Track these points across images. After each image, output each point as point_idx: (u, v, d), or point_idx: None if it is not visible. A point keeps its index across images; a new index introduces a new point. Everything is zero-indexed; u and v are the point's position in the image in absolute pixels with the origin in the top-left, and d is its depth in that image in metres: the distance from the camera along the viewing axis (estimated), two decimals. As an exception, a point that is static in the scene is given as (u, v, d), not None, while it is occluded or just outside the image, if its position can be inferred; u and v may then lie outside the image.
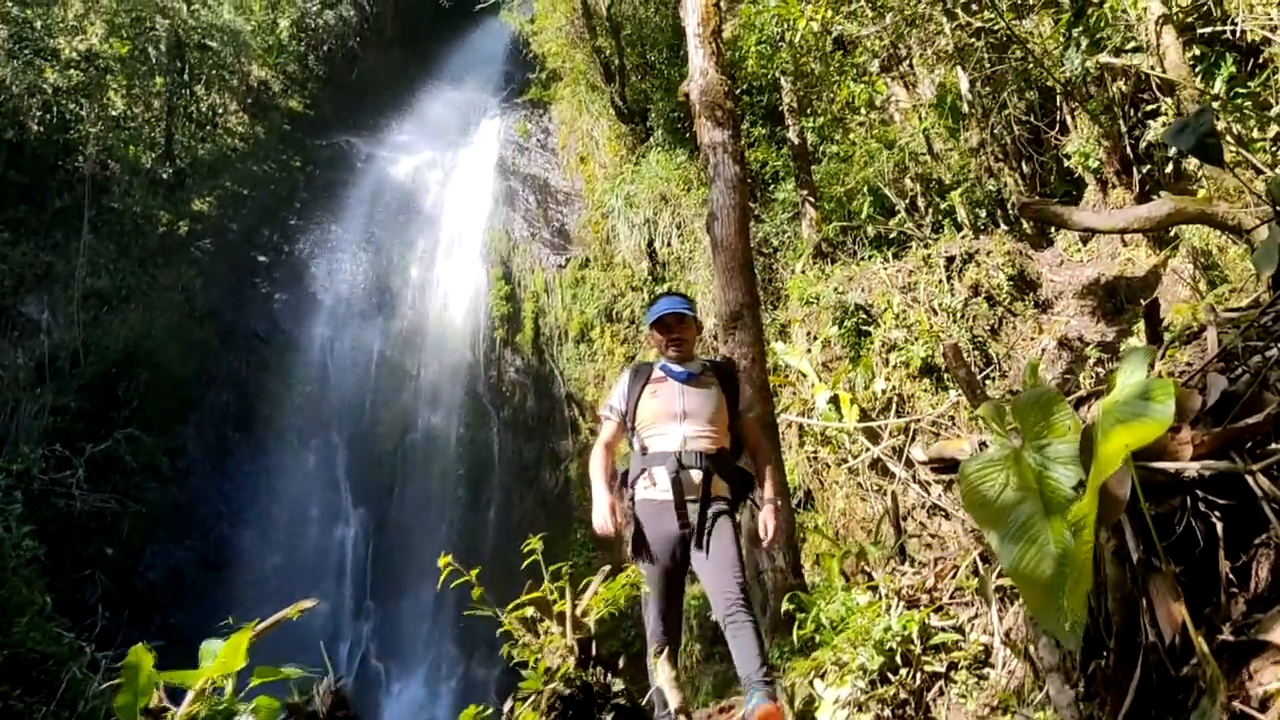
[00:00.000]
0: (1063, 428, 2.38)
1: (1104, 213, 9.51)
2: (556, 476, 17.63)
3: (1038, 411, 2.46)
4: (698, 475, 4.68)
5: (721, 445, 4.79)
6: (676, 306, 5.06)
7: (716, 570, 4.48)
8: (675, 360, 4.99)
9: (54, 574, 12.71)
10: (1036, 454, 2.41)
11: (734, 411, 4.90)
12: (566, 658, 2.62)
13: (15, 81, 15.94)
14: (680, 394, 4.89)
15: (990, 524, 2.37)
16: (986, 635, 3.73)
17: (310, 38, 24.12)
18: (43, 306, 16.44)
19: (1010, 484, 2.40)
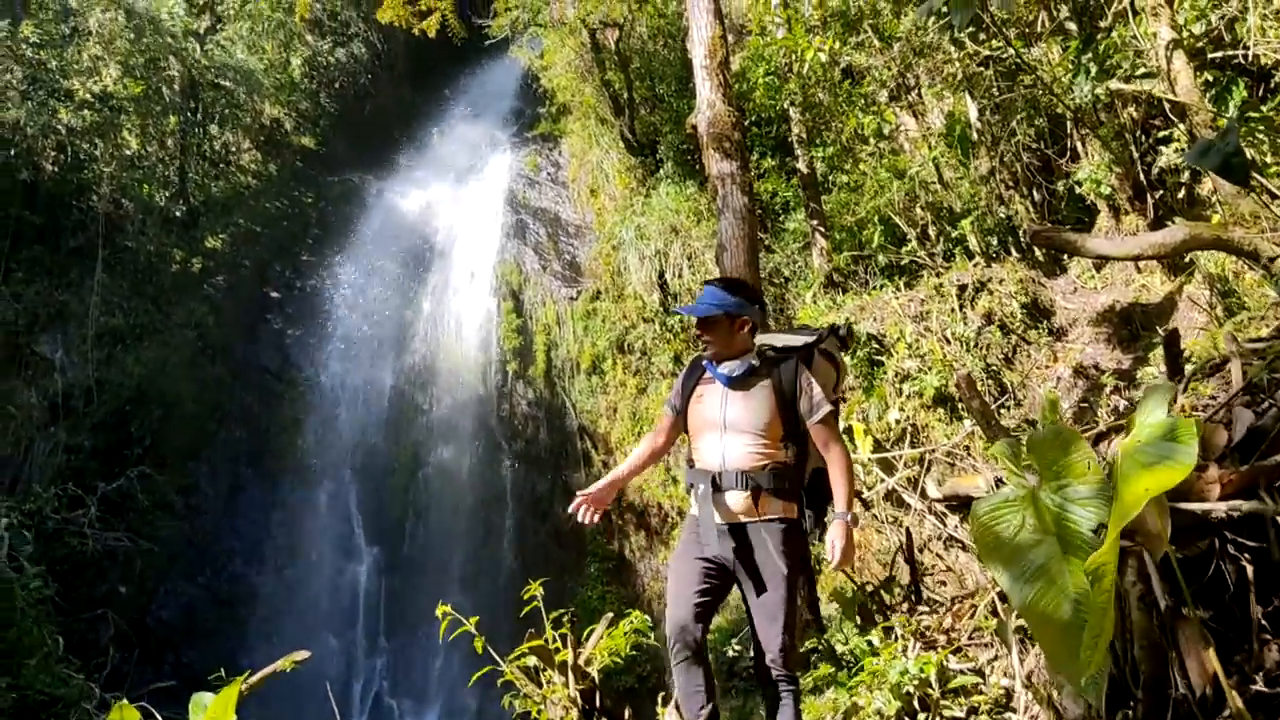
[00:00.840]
0: (1081, 467, 2.29)
1: (1117, 239, 9.42)
2: (569, 510, 17.50)
3: (1056, 450, 2.37)
4: (739, 497, 4.09)
5: (775, 459, 4.13)
6: (699, 308, 4.37)
7: (759, 618, 4.01)
8: (716, 359, 4.33)
9: (66, 614, 12.65)
10: (1054, 494, 2.32)
11: (791, 415, 4.16)
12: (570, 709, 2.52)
13: (30, 122, 16.07)
14: (723, 400, 4.26)
15: (1004, 565, 2.28)
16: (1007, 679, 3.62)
17: (322, 76, 24.30)
18: (57, 345, 16.48)
19: (1026, 525, 2.31)
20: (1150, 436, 1.99)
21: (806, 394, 4.18)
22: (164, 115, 19.55)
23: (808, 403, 4.16)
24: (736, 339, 4.33)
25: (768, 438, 4.14)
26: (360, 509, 18.02)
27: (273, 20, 22.61)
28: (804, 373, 4.22)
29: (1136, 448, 1.99)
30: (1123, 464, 1.99)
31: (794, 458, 4.18)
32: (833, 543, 3.95)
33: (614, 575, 16.29)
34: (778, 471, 4.12)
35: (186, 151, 20.20)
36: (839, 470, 4.09)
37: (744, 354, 4.30)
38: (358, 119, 25.18)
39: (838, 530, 3.96)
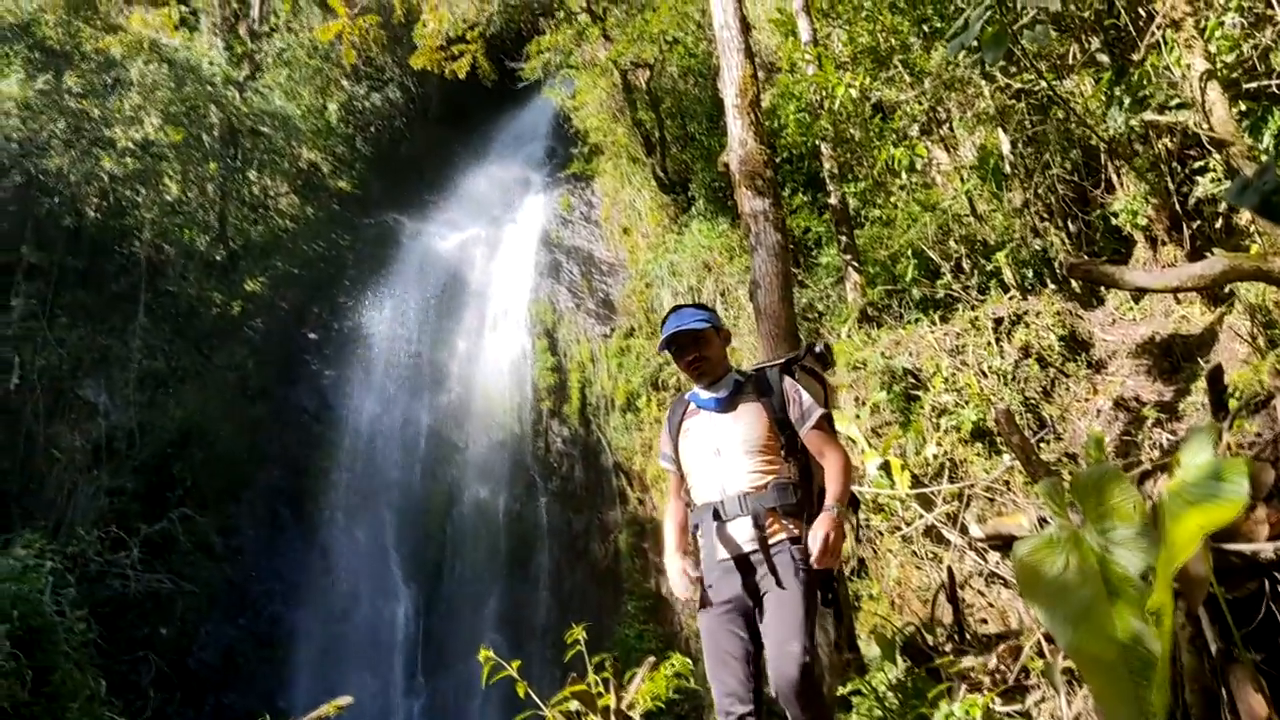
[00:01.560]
0: (1126, 509, 2.27)
1: (1155, 272, 9.34)
2: (606, 547, 17.48)
3: (1100, 490, 2.35)
4: (744, 525, 3.83)
5: (779, 476, 3.90)
6: (686, 322, 4.13)
7: (771, 648, 3.64)
8: (703, 386, 4.14)
9: (108, 656, 12.76)
10: (1099, 535, 2.30)
11: (785, 427, 3.95)
12: (614, 754, 2.52)
13: (73, 170, 16.45)
14: (712, 427, 4.05)
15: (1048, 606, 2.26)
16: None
17: (358, 120, 24.71)
18: (100, 389, 16.76)
19: (1071, 566, 2.29)
20: (1197, 477, 1.97)
21: (795, 402, 4.02)
22: (204, 161, 19.95)
23: (798, 410, 4.00)
24: (725, 356, 4.25)
25: (766, 454, 3.94)
26: (397, 548, 18.09)
27: (310, 67, 23.05)
28: (788, 381, 4.09)
29: (1184, 487, 1.98)
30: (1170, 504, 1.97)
31: (798, 473, 3.98)
32: (814, 535, 3.68)
33: (651, 613, 16.20)
34: (783, 488, 3.90)
35: (226, 196, 20.59)
36: (833, 470, 3.89)
37: (727, 374, 4.18)
38: (393, 162, 25.55)
39: (821, 522, 3.70)
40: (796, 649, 3.56)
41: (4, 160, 15.99)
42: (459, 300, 21.29)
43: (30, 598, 10.24)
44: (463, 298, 21.35)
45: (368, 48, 22.14)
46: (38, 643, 10.11)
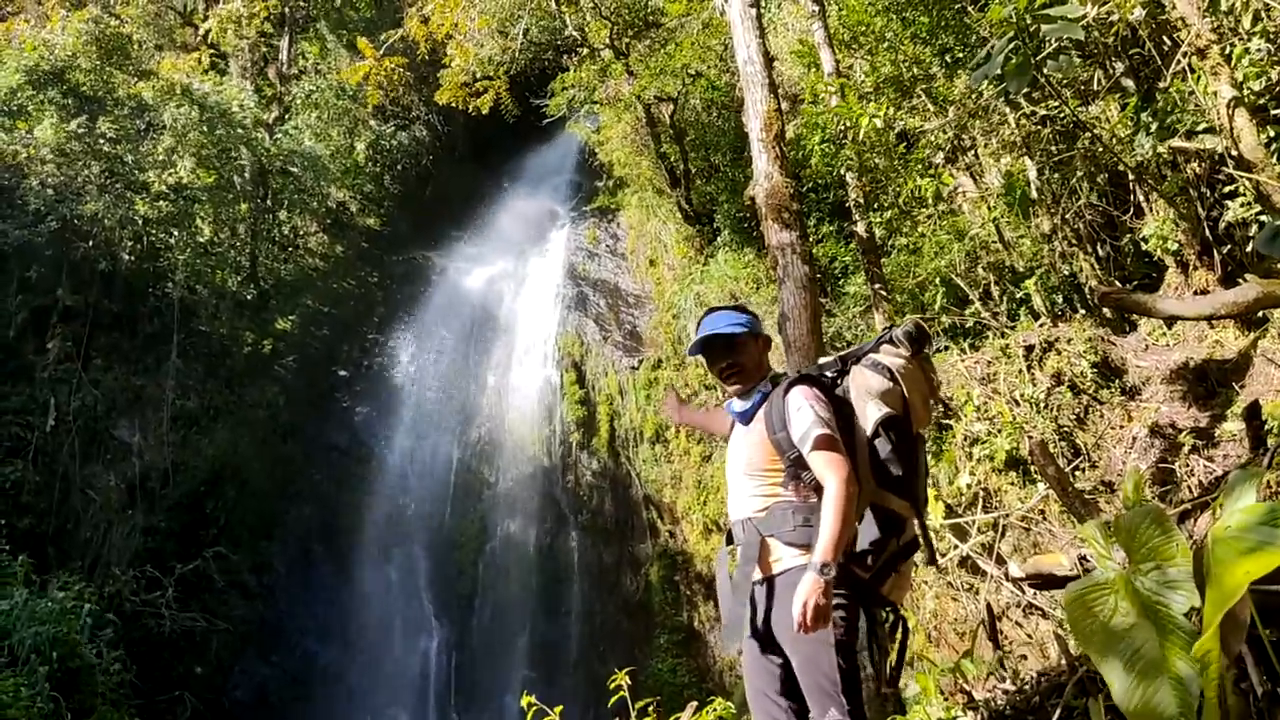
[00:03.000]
0: (1170, 550, 2.26)
1: (1188, 299, 9.28)
2: (637, 581, 17.43)
3: (1144, 532, 2.34)
4: (748, 551, 3.59)
5: (779, 500, 3.60)
6: (722, 325, 3.84)
7: (807, 695, 3.40)
8: (737, 395, 3.84)
9: (144, 695, 12.83)
10: (1144, 577, 2.29)
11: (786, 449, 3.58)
12: (658, 801, 2.52)
13: (108, 215, 16.69)
14: (734, 443, 3.85)
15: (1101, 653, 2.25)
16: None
17: (385, 158, 25.00)
18: (134, 429, 16.93)
19: (1119, 609, 2.28)
20: (1243, 523, 1.96)
21: (794, 420, 3.60)
22: (235, 203, 20.23)
23: (797, 431, 3.57)
24: (763, 364, 3.91)
25: (765, 477, 3.65)
26: (429, 584, 18.11)
27: (338, 108, 23.37)
28: (793, 394, 3.67)
29: (1231, 534, 1.97)
30: (1217, 550, 1.96)
31: (809, 495, 3.57)
32: (795, 599, 3.26)
33: (684, 647, 16.13)
34: (784, 513, 3.57)
35: (257, 237, 20.85)
36: (825, 509, 3.39)
37: (759, 382, 3.85)
38: (420, 199, 25.81)
39: (801, 585, 3.27)
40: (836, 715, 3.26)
41: (40, 206, 16.25)
42: (487, 335, 21.42)
43: (68, 639, 10.34)
44: (491, 332, 21.48)
45: (394, 89, 22.44)
46: (75, 684, 10.21)
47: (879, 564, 3.60)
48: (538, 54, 21.01)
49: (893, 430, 3.68)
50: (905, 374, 3.78)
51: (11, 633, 9.79)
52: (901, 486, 3.70)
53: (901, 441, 3.71)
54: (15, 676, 9.06)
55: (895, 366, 3.78)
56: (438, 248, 24.46)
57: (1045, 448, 4.63)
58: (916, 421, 3.83)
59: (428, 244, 24.51)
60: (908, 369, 3.79)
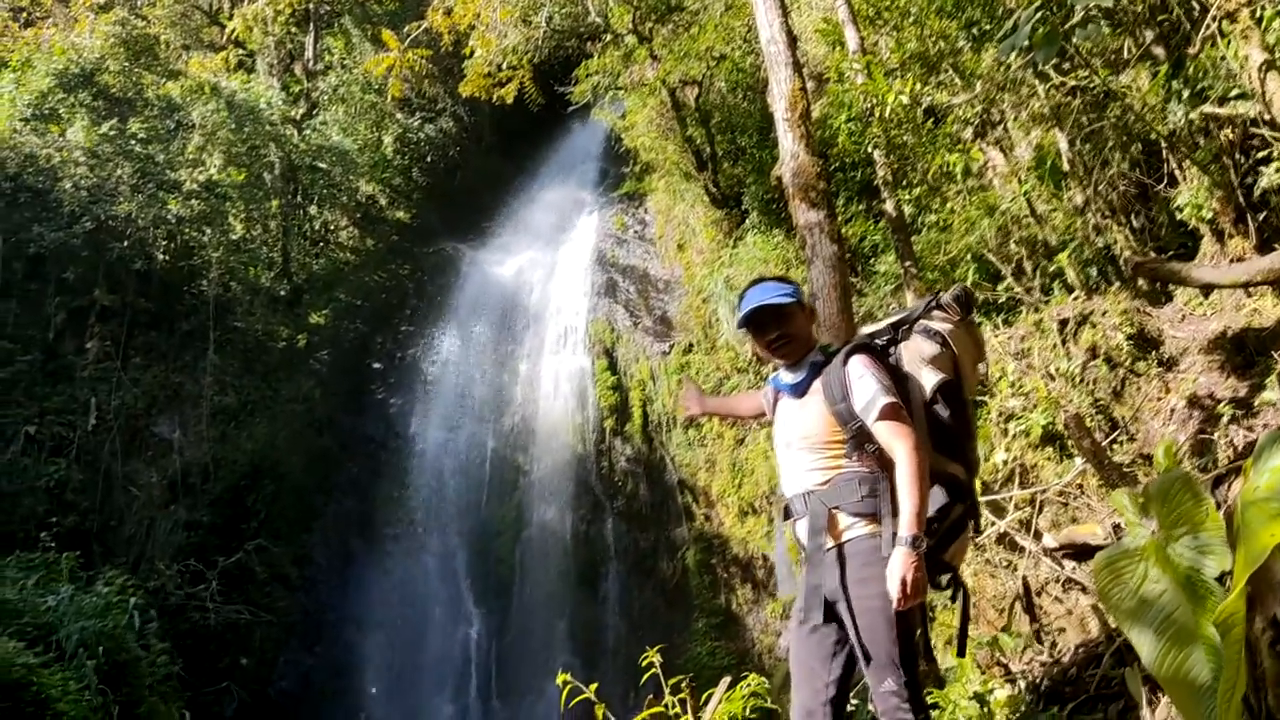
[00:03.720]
0: (1201, 515, 2.24)
1: (1224, 267, 9.15)
2: (674, 565, 17.47)
3: (1175, 498, 2.32)
4: (804, 526, 3.59)
5: (843, 471, 3.58)
6: (769, 295, 3.79)
7: (864, 667, 3.42)
8: (786, 368, 3.84)
9: (191, 688, 13.01)
10: (1176, 543, 2.27)
11: (848, 418, 3.55)
12: (693, 776, 2.53)
13: (141, 214, 16.89)
14: (786, 416, 3.82)
15: (1131, 619, 2.23)
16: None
17: (413, 151, 25.09)
18: (174, 426, 17.17)
19: (1149, 575, 2.26)
20: (1272, 484, 1.94)
21: (856, 390, 3.56)
22: (266, 199, 20.39)
23: (860, 401, 3.53)
24: (811, 334, 3.89)
25: (826, 449, 3.62)
26: (467, 573, 18.25)
27: (365, 102, 23.48)
28: (853, 363, 3.63)
29: (1260, 497, 1.95)
30: (1246, 513, 1.94)
31: (873, 465, 3.55)
32: (890, 579, 3.28)
33: (722, 630, 16.15)
34: (850, 484, 3.55)
35: (288, 232, 21.01)
36: (901, 482, 3.37)
37: (808, 354, 3.83)
38: (448, 190, 25.89)
39: (894, 564, 3.27)
40: (894, 686, 3.30)
41: (75, 208, 16.47)
42: (518, 324, 21.51)
43: (115, 633, 10.49)
44: (522, 321, 21.56)
45: (419, 81, 22.49)
46: (123, 677, 10.36)
47: (943, 529, 3.62)
48: (561, 41, 20.97)
49: (947, 395, 3.69)
50: (955, 338, 3.79)
51: (59, 628, 9.94)
52: (958, 451, 3.71)
53: (956, 406, 3.72)
54: (63, 671, 9.21)
55: (945, 331, 3.78)
56: (467, 238, 24.54)
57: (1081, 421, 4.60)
58: (967, 386, 3.84)
59: (457, 235, 24.61)
60: (957, 333, 3.80)
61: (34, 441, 15.47)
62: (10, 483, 14.68)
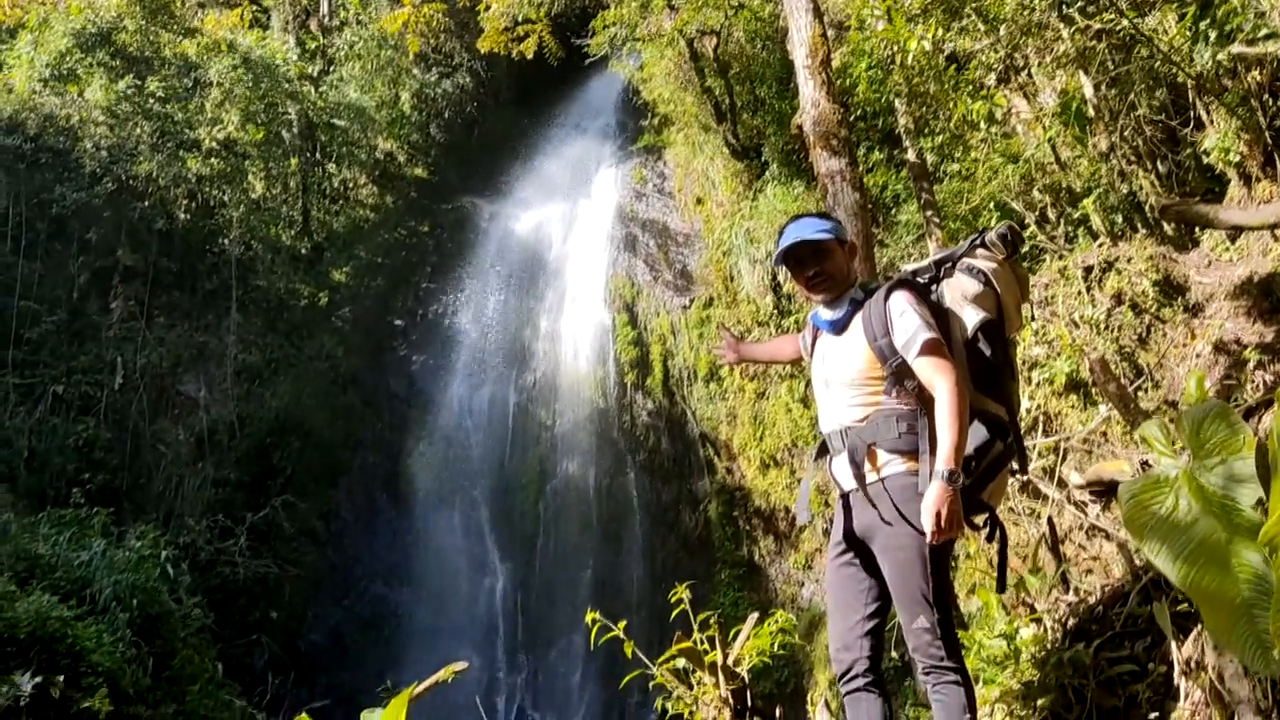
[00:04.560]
0: (1236, 443, 2.22)
1: (1251, 209, 9.04)
2: (696, 518, 17.56)
3: (1207, 427, 2.30)
4: (844, 462, 3.60)
5: (881, 408, 3.54)
6: (808, 231, 3.77)
7: (897, 604, 3.46)
8: (825, 304, 3.79)
9: (223, 641, 13.27)
10: (1209, 472, 2.26)
11: (889, 355, 3.51)
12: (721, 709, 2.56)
13: (162, 174, 16.93)
14: (825, 353, 3.77)
15: (1160, 545, 2.22)
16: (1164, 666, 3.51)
17: (430, 107, 24.96)
18: (199, 384, 17.34)
19: (1181, 505, 2.25)
20: (1308, 404, 1.93)
21: (898, 326, 3.51)
22: (285, 158, 20.39)
23: (901, 337, 3.50)
24: (850, 271, 3.83)
25: (866, 385, 3.58)
26: (492, 527, 18.41)
27: (381, 58, 23.34)
28: (895, 298, 3.60)
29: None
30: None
31: (912, 402, 3.52)
32: (925, 512, 3.28)
33: (745, 581, 16.27)
34: (889, 420, 3.51)
35: (308, 191, 21.03)
36: (939, 416, 3.37)
37: (848, 290, 3.78)
38: (467, 146, 25.78)
39: (930, 497, 3.26)
40: (925, 624, 3.32)
41: (96, 168, 16.53)
42: (538, 279, 21.49)
43: (147, 587, 10.67)
44: (542, 276, 21.54)
45: (435, 36, 22.33)
46: (156, 630, 10.55)
47: (981, 468, 3.62)
48: (578, -8, 20.80)
49: (989, 334, 3.67)
50: (998, 277, 3.75)
51: (92, 582, 10.12)
52: (999, 390, 3.71)
53: (997, 345, 3.71)
54: (98, 624, 9.38)
55: (989, 270, 3.74)
56: (486, 194, 24.48)
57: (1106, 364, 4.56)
58: (1009, 325, 3.81)
59: (476, 191, 24.54)
60: (1000, 272, 3.77)
61: (62, 401, 15.67)
62: (40, 442, 14.89)
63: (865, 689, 3.50)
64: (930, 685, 3.39)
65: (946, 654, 3.34)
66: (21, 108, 16.84)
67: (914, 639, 3.39)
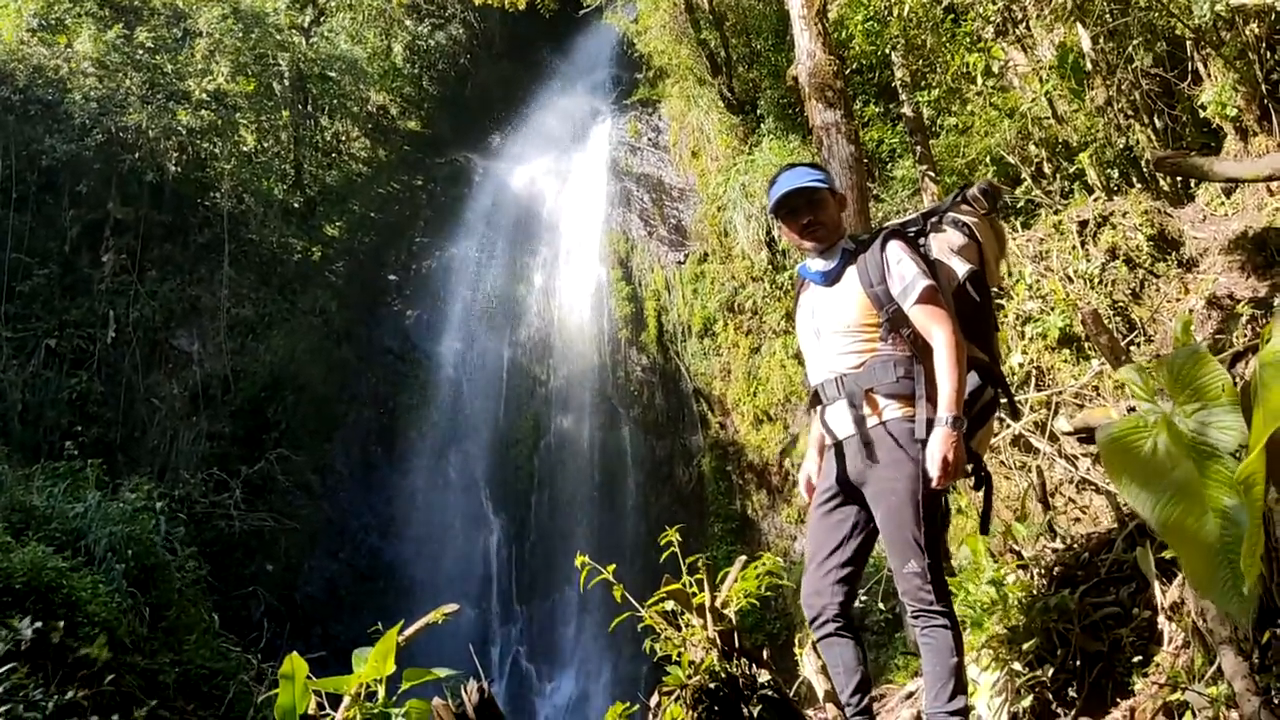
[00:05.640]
0: (1216, 388, 2.23)
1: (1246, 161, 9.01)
2: (690, 472, 17.65)
3: (1188, 372, 2.31)
4: (840, 408, 3.60)
5: (877, 354, 3.56)
6: (801, 180, 3.74)
7: (888, 548, 3.49)
8: (816, 254, 3.80)
9: (219, 592, 13.34)
10: (1189, 417, 2.27)
11: (885, 302, 3.54)
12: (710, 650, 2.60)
13: (152, 125, 16.76)
14: (816, 304, 3.79)
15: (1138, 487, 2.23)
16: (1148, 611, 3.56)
17: (423, 59, 24.73)
18: (193, 338, 17.30)
19: (1160, 448, 2.26)
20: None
21: (895, 273, 3.56)
22: (276, 110, 20.19)
23: (898, 284, 3.54)
24: (841, 222, 3.84)
25: (861, 333, 3.60)
26: (487, 481, 18.48)
27: (372, 8, 23.08)
28: (891, 247, 3.63)
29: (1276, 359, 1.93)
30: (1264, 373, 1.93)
31: (906, 348, 3.55)
32: (930, 457, 3.33)
33: (738, 535, 16.38)
34: (885, 366, 3.55)
35: (300, 144, 20.86)
36: (940, 365, 3.42)
37: (838, 242, 3.78)
38: (460, 99, 25.58)
39: (934, 442, 3.32)
40: (916, 568, 3.38)
41: (85, 119, 16.37)
42: (533, 234, 21.40)
43: (142, 538, 10.71)
44: (536, 231, 21.46)
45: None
46: (152, 580, 10.60)
47: (973, 414, 3.67)
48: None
49: (975, 285, 3.75)
50: (980, 231, 3.84)
51: (87, 533, 10.14)
52: (983, 340, 3.80)
53: (982, 296, 3.80)
54: (93, 574, 9.42)
55: (972, 224, 3.83)
56: (479, 148, 24.31)
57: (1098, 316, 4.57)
58: (990, 278, 3.92)
59: (469, 145, 24.37)
60: (982, 226, 3.86)
61: (55, 355, 15.63)
62: (34, 395, 14.89)
63: (836, 634, 3.54)
64: (919, 628, 3.45)
65: (935, 598, 3.39)
66: (10, 58, 16.64)
67: (904, 583, 3.44)
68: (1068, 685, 3.76)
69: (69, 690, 6.73)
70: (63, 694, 6.69)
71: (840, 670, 3.51)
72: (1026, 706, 3.79)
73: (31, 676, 6.74)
